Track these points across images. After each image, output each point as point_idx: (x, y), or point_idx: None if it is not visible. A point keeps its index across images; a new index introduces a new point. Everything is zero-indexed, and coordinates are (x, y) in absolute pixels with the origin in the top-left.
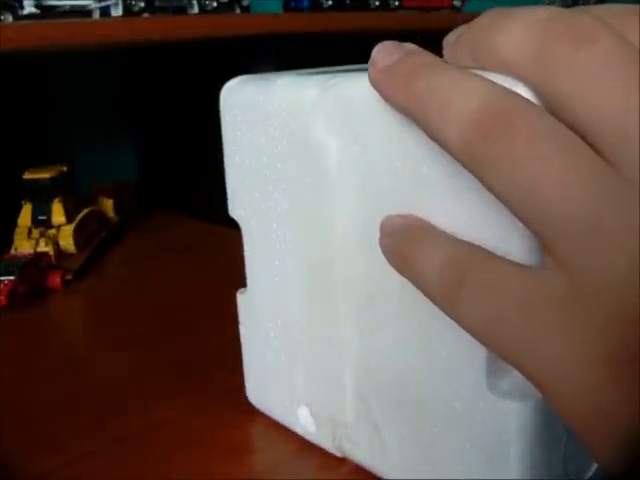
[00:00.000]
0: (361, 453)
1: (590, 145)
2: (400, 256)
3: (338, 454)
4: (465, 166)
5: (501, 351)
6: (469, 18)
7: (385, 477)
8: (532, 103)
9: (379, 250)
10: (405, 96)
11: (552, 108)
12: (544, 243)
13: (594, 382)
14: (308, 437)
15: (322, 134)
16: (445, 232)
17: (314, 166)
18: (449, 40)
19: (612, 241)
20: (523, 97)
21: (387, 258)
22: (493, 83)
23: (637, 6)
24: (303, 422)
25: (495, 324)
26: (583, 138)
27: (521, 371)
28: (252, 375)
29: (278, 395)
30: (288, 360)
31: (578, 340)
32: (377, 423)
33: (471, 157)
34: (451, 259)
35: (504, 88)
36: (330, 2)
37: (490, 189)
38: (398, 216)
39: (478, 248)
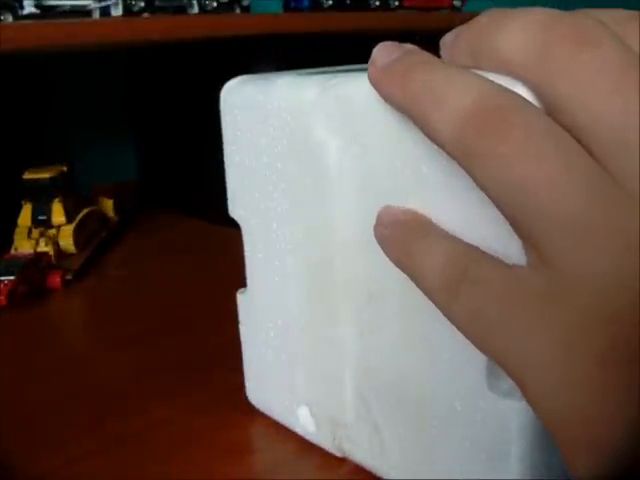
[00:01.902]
0: (361, 453)
1: (585, 148)
2: (400, 249)
3: (338, 454)
4: (458, 162)
5: (488, 349)
6: (469, 18)
7: (385, 477)
8: (527, 101)
9: (379, 250)
10: (402, 93)
11: (550, 110)
12: (530, 241)
13: (577, 382)
14: (308, 437)
15: (322, 134)
16: (444, 230)
17: (314, 166)
18: (446, 40)
19: (599, 241)
20: (519, 95)
21: (384, 249)
22: (490, 81)
23: (638, 12)
24: (303, 422)
25: (481, 320)
26: (579, 141)
27: (504, 368)
28: (252, 375)
29: (278, 395)
30: (288, 360)
31: (560, 337)
32: (377, 423)
33: (464, 152)
34: (454, 256)
35: (500, 86)
36: (330, 2)
37: (481, 185)
38: (397, 208)
39: (475, 247)
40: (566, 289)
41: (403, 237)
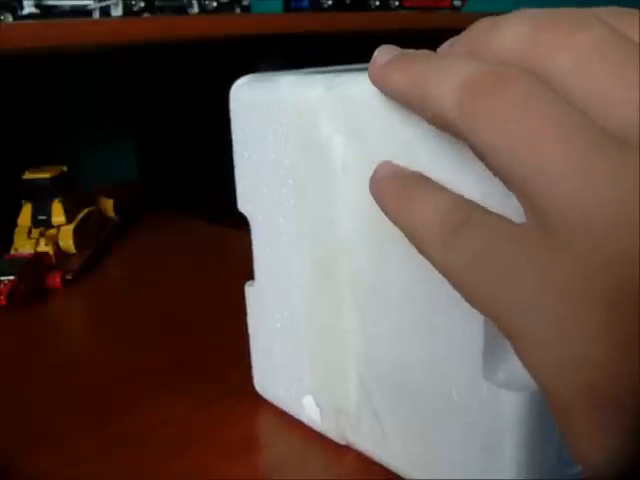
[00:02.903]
0: (363, 441)
1: None
2: (399, 197)
3: (342, 442)
4: (459, 133)
5: (481, 299)
6: (468, 18)
7: (386, 464)
8: (527, 71)
9: (382, 244)
10: (404, 77)
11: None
12: (527, 196)
13: (579, 328)
14: (313, 426)
15: (327, 131)
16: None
17: (320, 162)
18: (443, 48)
19: (599, 190)
20: (519, 67)
21: (381, 201)
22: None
23: (634, 9)
24: (308, 411)
25: (479, 265)
26: None
27: (498, 320)
28: (259, 366)
29: (284, 385)
30: (294, 350)
31: (560, 283)
32: (378, 411)
33: (464, 117)
34: (457, 202)
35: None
36: (330, 2)
37: (480, 149)
38: (396, 164)
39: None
40: (566, 239)
41: (403, 185)
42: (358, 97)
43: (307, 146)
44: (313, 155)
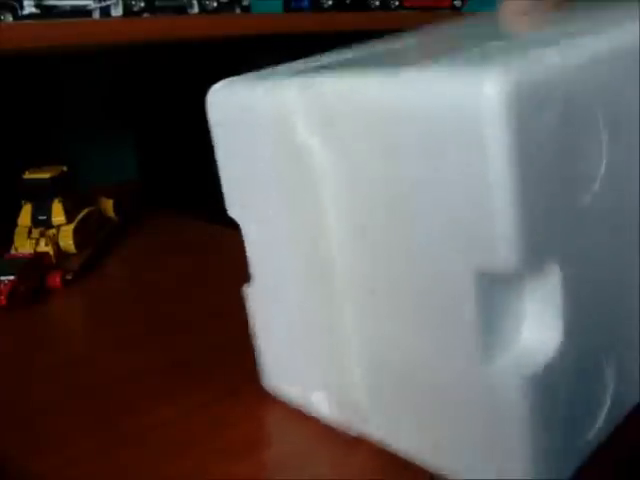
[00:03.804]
0: (373, 432)
1: None
2: None
3: (352, 434)
4: None
5: None
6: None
7: (399, 453)
8: None
9: (371, 241)
10: None
11: None
12: None
13: None
14: (323, 420)
15: (304, 133)
16: None
17: (299, 165)
18: None
19: None
20: None
21: None
22: None
23: None
24: (317, 406)
25: None
26: None
27: None
28: (266, 363)
29: (292, 381)
30: (299, 347)
31: None
32: (386, 403)
33: None
34: None
35: None
36: (330, 2)
37: None
38: None
39: None
40: None
41: None
42: (332, 97)
43: (285, 150)
44: (292, 158)
